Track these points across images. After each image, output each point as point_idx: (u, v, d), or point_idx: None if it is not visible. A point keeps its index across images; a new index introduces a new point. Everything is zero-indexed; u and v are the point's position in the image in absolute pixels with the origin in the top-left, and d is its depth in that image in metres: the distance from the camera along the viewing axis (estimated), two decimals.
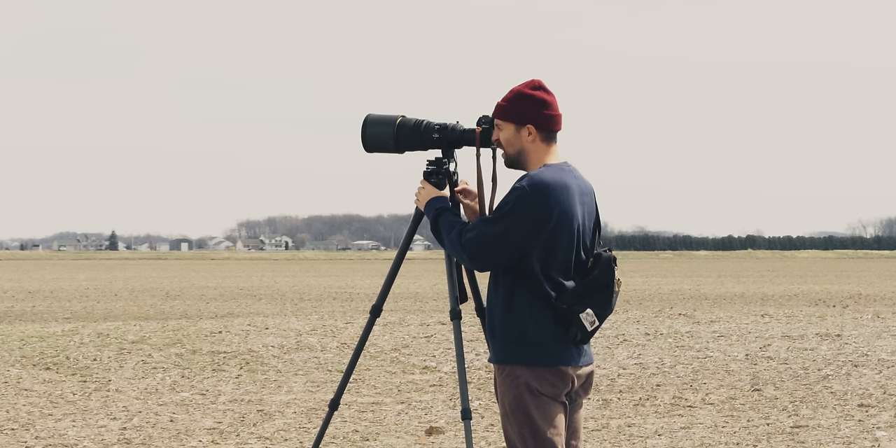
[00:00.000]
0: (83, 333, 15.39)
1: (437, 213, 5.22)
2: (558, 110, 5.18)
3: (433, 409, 10.57)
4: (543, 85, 5.18)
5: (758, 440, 9.01)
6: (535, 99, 5.14)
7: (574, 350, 5.10)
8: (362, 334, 5.76)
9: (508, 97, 5.18)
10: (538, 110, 5.14)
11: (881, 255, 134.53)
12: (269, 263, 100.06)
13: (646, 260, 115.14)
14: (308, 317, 20.21)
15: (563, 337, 5.05)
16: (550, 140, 5.17)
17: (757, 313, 21.16)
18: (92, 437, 9.21)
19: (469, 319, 6.76)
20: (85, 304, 29.49)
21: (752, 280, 47.75)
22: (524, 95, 5.16)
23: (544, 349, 5.05)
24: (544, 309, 5.04)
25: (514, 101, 5.16)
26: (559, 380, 5.08)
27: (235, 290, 37.81)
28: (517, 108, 5.15)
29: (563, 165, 5.14)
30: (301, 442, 9.03)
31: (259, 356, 13.87)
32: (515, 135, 5.15)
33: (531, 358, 5.06)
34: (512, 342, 5.08)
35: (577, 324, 5.04)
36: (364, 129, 5.50)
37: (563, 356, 5.08)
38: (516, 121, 5.15)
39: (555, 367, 5.07)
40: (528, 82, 5.19)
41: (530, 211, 4.98)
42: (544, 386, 5.06)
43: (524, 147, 5.16)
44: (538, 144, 5.15)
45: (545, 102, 5.15)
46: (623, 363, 13.63)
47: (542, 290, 5.04)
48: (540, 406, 5.07)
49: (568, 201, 5.04)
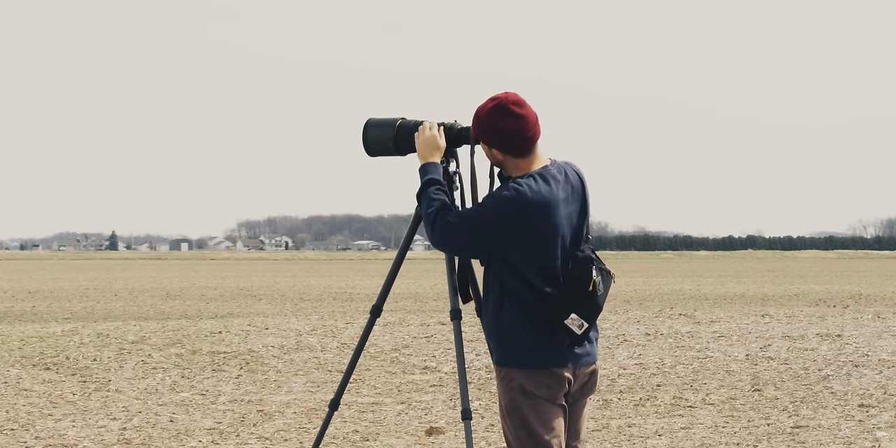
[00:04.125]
0: (83, 333, 15.39)
1: (428, 183, 5.19)
2: (526, 129, 5.04)
3: (433, 410, 10.57)
4: (507, 106, 5.04)
5: (758, 440, 9.01)
6: (494, 128, 5.05)
7: (569, 351, 5.06)
8: (362, 334, 5.76)
9: (475, 116, 5.11)
10: (500, 138, 5.06)
11: (882, 255, 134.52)
12: (269, 263, 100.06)
13: (646, 260, 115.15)
14: (308, 317, 20.21)
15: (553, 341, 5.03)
16: (524, 154, 5.08)
17: (757, 313, 21.16)
18: (92, 437, 9.20)
19: (469, 319, 6.75)
20: (85, 304, 29.49)
21: (753, 280, 47.75)
22: (484, 122, 5.08)
23: (536, 352, 5.03)
24: (531, 316, 5.02)
25: (476, 125, 5.11)
26: (554, 382, 5.05)
27: (235, 291, 37.80)
28: (480, 131, 5.11)
29: (546, 170, 5.07)
30: (301, 442, 9.03)
31: (259, 356, 13.87)
32: (489, 151, 5.13)
33: (524, 361, 5.04)
34: (504, 346, 5.07)
35: (564, 329, 5.00)
36: (365, 133, 5.50)
37: (556, 358, 5.05)
38: (485, 142, 5.12)
39: (548, 370, 5.04)
40: (491, 103, 5.06)
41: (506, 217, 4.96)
42: (539, 388, 5.04)
43: (500, 161, 5.15)
44: (512, 160, 5.10)
45: (504, 132, 5.03)
46: (623, 363, 13.63)
47: (528, 298, 5.01)
48: (536, 408, 5.05)
49: (548, 215, 4.99)
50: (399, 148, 5.48)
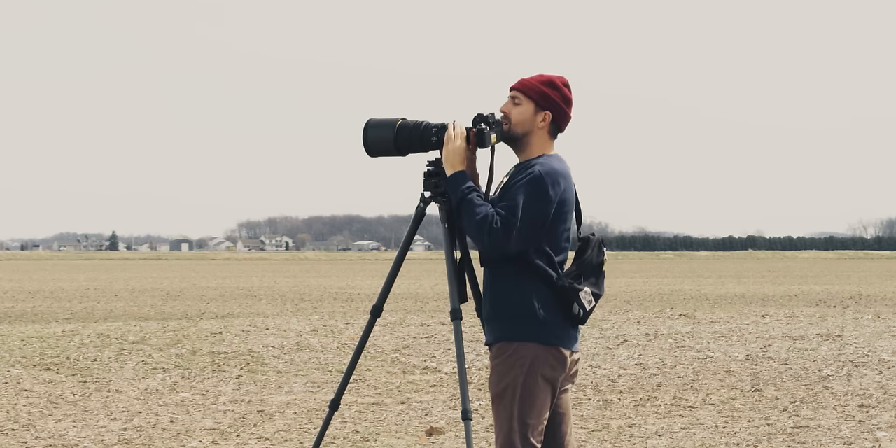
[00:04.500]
0: (83, 334, 15.40)
1: (466, 192, 5.20)
2: (572, 114, 5.34)
3: (433, 410, 10.57)
4: (570, 85, 5.34)
5: (758, 441, 9.01)
6: (563, 93, 5.28)
7: (574, 333, 5.21)
8: (363, 335, 5.76)
9: (542, 80, 5.27)
10: (561, 103, 5.27)
11: (882, 255, 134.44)
12: (269, 264, 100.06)
13: (646, 260, 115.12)
14: (308, 317, 20.21)
15: (567, 316, 5.15)
16: (554, 135, 5.31)
17: (757, 314, 21.16)
18: (92, 437, 9.21)
19: (469, 320, 6.76)
20: (85, 304, 29.49)
21: (753, 280, 47.74)
22: (556, 85, 5.27)
23: (551, 329, 5.14)
24: (547, 289, 5.14)
25: (545, 85, 5.26)
26: (560, 363, 5.17)
27: (236, 291, 37.80)
28: (545, 91, 5.25)
29: (558, 156, 5.29)
30: (301, 442, 9.03)
31: (259, 357, 13.88)
32: (531, 115, 5.24)
33: (538, 335, 5.12)
34: (521, 319, 5.14)
35: (578, 301, 5.15)
36: (365, 133, 5.50)
37: (565, 339, 5.19)
38: (538, 102, 5.24)
39: (557, 350, 5.15)
40: (559, 77, 5.30)
41: (548, 197, 5.10)
42: (545, 368, 5.13)
43: (533, 130, 5.25)
44: (544, 133, 5.27)
45: (569, 100, 5.31)
46: (623, 364, 13.63)
47: (545, 271, 5.15)
48: (534, 389, 5.14)
49: (571, 189, 5.21)
50: (399, 148, 5.49)
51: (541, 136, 5.25)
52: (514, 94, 5.27)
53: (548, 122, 5.23)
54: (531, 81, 5.25)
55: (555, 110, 5.24)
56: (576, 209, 5.31)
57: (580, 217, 5.35)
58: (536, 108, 5.23)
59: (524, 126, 5.24)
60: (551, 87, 5.25)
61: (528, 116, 5.23)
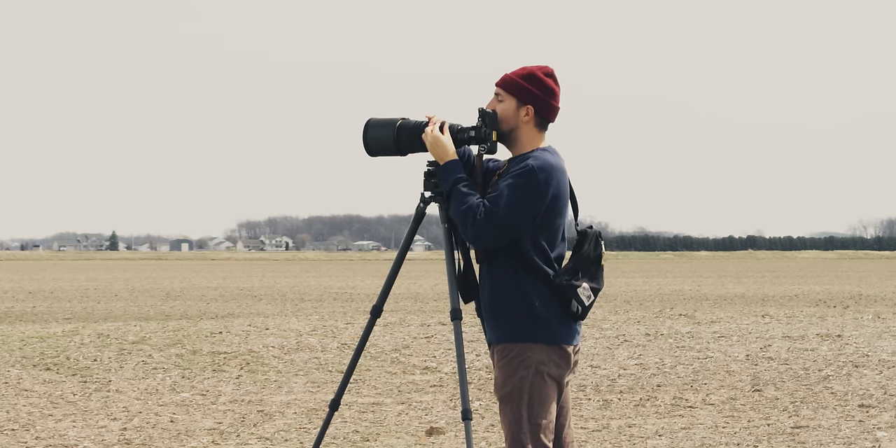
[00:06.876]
0: (83, 334, 15.40)
1: (455, 183, 5.21)
2: (559, 103, 5.25)
3: (433, 410, 10.57)
4: (555, 74, 5.25)
5: (758, 441, 9.01)
6: (544, 85, 5.20)
7: (574, 327, 5.19)
8: (363, 335, 5.75)
9: (521, 74, 5.22)
10: (543, 96, 5.20)
11: (882, 255, 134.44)
12: (269, 264, 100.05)
13: (646, 260, 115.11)
14: (308, 317, 20.21)
15: (566, 313, 5.13)
16: (543, 127, 5.25)
17: (757, 314, 21.16)
18: (92, 437, 9.20)
19: (469, 320, 6.76)
20: (85, 304, 29.49)
21: (753, 280, 47.74)
22: (536, 77, 5.21)
23: (552, 327, 5.12)
24: (545, 286, 5.12)
25: (525, 79, 5.21)
26: (564, 361, 5.16)
27: (236, 291, 37.80)
28: (524, 86, 5.20)
29: (551, 149, 5.25)
30: (301, 442, 9.03)
31: (259, 357, 13.87)
32: (514, 111, 5.22)
33: (541, 336, 5.10)
34: (520, 319, 5.12)
35: (577, 298, 5.12)
36: (365, 133, 5.50)
37: (567, 336, 5.17)
38: (519, 97, 5.20)
39: (561, 348, 5.14)
40: (542, 67, 5.24)
41: (539, 192, 5.06)
42: (551, 367, 5.12)
43: (518, 126, 5.22)
44: (531, 128, 5.23)
45: (552, 91, 5.22)
46: (623, 364, 13.63)
47: (541, 268, 5.11)
48: (543, 389, 5.12)
49: (565, 183, 5.18)
50: (400, 148, 5.48)
51: (527, 130, 5.22)
52: (496, 91, 5.26)
53: (532, 117, 5.20)
54: (511, 77, 5.22)
55: (537, 103, 5.19)
56: (572, 203, 5.28)
57: (577, 211, 5.32)
58: (518, 104, 5.20)
59: (509, 122, 5.23)
60: (531, 81, 5.19)
61: (511, 113, 5.21)
